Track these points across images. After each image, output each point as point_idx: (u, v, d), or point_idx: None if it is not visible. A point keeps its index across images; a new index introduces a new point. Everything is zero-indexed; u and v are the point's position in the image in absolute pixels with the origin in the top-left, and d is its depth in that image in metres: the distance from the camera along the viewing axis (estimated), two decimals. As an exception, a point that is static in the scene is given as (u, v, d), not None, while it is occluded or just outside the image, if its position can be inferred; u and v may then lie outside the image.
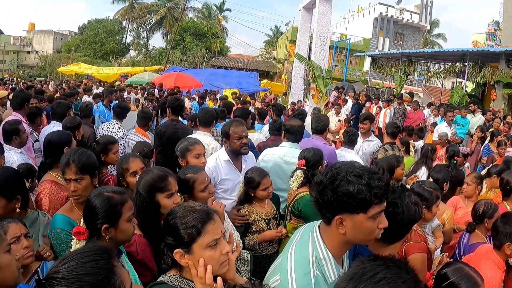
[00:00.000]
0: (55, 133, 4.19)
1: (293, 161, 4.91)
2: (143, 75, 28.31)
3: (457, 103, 17.14)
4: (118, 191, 2.62)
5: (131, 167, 3.68)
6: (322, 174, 2.05)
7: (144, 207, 2.94)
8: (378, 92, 23.88)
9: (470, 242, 4.16)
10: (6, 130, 5.06)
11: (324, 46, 15.20)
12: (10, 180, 3.08)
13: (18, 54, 73.63)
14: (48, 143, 4.02)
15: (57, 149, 3.94)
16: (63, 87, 19.30)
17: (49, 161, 3.96)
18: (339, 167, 2.00)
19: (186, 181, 3.25)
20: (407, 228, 2.66)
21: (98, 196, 2.51)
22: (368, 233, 2.00)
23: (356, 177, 1.91)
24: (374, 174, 1.95)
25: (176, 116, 6.84)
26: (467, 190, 5.41)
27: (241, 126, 4.45)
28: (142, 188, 2.97)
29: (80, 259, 1.69)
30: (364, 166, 2.02)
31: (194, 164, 3.88)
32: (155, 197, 2.95)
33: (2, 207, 2.98)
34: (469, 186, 5.39)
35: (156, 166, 3.34)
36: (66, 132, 4.33)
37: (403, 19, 51.30)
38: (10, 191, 3.03)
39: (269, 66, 47.36)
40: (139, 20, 66.71)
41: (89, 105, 7.33)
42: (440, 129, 11.13)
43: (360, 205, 1.91)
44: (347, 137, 6.56)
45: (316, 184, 2.08)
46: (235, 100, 15.67)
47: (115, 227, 2.49)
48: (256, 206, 4.09)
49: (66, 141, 4.04)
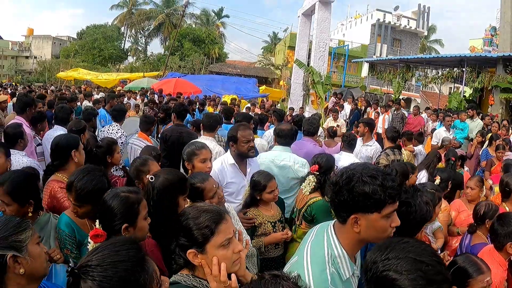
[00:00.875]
0: (63, 136, 4.20)
1: (283, 164, 5.09)
2: (142, 81, 28.31)
3: (455, 108, 17.22)
4: (133, 190, 2.67)
5: (152, 169, 3.72)
6: (338, 175, 2.12)
7: (164, 206, 2.96)
8: (376, 97, 23.99)
9: (472, 243, 4.21)
10: (10, 134, 5.08)
11: (323, 52, 15.27)
12: (23, 184, 3.05)
13: (16, 59, 73.88)
14: (56, 145, 4.01)
15: (65, 152, 3.95)
16: (63, 92, 19.33)
17: (56, 163, 3.98)
18: (354, 168, 2.09)
19: (195, 189, 3.29)
20: (418, 227, 2.78)
21: (115, 197, 2.55)
22: (381, 232, 2.08)
23: (371, 178, 1.99)
24: (388, 175, 2.03)
25: (181, 121, 6.96)
26: (471, 194, 5.47)
27: (248, 130, 4.53)
28: (165, 188, 3.01)
29: (113, 248, 1.74)
30: (378, 168, 2.10)
31: (200, 168, 3.94)
32: (177, 198, 3.01)
33: (14, 211, 2.95)
34: (473, 190, 5.47)
35: (168, 168, 3.36)
36: (74, 136, 4.33)
37: (400, 25, 51.50)
38: (23, 196, 3.01)
39: (268, 72, 47.54)
40: (137, 26, 66.83)
41: (90, 110, 7.37)
42: (439, 133, 11.21)
43: (375, 205, 2.00)
44: (346, 141, 6.64)
45: (332, 184, 2.16)
46: (234, 106, 15.75)
47: (134, 226, 2.54)
48: (262, 209, 4.13)
49: (74, 144, 4.01)
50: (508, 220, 3.50)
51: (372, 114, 15.91)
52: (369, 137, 7.59)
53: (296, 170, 5.07)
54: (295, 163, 5.09)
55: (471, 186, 5.53)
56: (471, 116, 12.37)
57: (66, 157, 3.95)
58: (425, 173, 6.78)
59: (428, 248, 1.70)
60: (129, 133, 10.03)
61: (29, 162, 4.91)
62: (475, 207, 4.37)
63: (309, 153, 5.77)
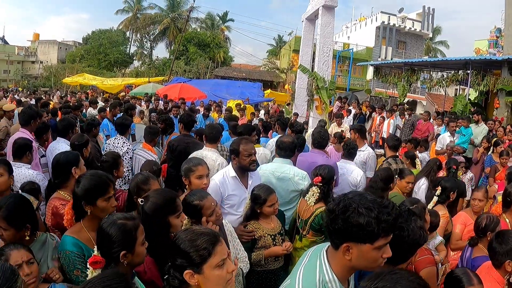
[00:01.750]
0: (63, 154, 4.22)
1: (283, 176, 5.13)
2: (147, 86, 28.45)
3: (460, 111, 17.08)
4: (129, 217, 2.69)
5: (152, 189, 3.70)
6: (335, 202, 2.14)
7: (155, 229, 3.00)
8: (382, 101, 23.90)
9: (472, 255, 4.21)
10: (19, 146, 5.14)
11: (327, 57, 15.24)
12: (19, 209, 3.04)
13: (22, 64, 74.31)
14: (56, 163, 4.05)
15: (65, 169, 3.99)
16: (68, 99, 19.37)
17: (58, 181, 4.02)
18: (352, 197, 2.11)
19: (194, 207, 3.33)
20: (411, 251, 2.82)
21: (113, 225, 2.57)
22: (372, 262, 2.10)
23: (367, 209, 2.01)
24: (384, 207, 2.05)
25: (188, 131, 7.00)
26: (479, 205, 5.44)
27: (250, 144, 4.58)
28: (153, 211, 3.04)
29: (102, 284, 1.78)
30: (376, 199, 2.11)
31: (196, 184, 3.97)
32: (167, 219, 3.05)
33: (10, 236, 2.96)
34: (481, 202, 5.44)
35: (160, 188, 3.37)
36: (74, 152, 4.35)
37: (405, 27, 51.55)
38: (19, 221, 3.01)
39: (273, 76, 47.48)
40: (142, 31, 67.02)
41: (90, 120, 7.39)
42: (443, 139, 11.13)
43: (368, 237, 2.02)
44: (346, 150, 6.64)
45: (328, 211, 2.19)
46: (239, 111, 15.76)
47: (131, 252, 2.57)
48: (262, 222, 4.17)
49: (74, 161, 4.05)
50: (506, 238, 3.47)
51: (377, 119, 15.84)
52: (361, 142, 7.57)
53: (296, 182, 5.09)
54: (295, 175, 5.11)
55: (479, 198, 5.48)
56: (476, 121, 12.24)
57: (66, 174, 3.99)
58: (425, 180, 6.76)
59: (416, 280, 1.72)
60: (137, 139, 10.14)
61: (34, 175, 5.00)
62: (477, 220, 4.36)
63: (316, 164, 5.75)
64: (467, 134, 11.19)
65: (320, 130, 6.51)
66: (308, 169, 5.74)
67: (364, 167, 7.32)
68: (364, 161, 7.34)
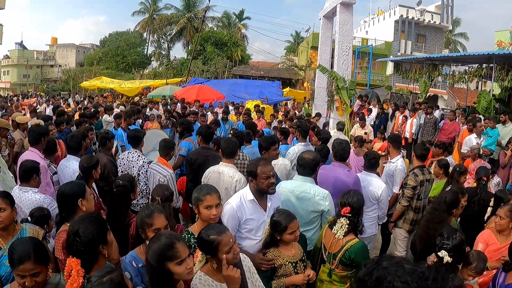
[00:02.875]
0: (68, 185, 4.06)
1: (303, 196, 4.88)
2: (165, 88, 28.31)
3: (484, 108, 16.62)
4: (110, 270, 2.56)
5: (155, 223, 3.52)
6: (367, 271, 1.84)
7: (156, 276, 2.85)
8: (403, 98, 23.49)
9: (506, 281, 3.93)
10: (26, 169, 4.99)
11: (347, 56, 14.95)
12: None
13: (41, 68, 75.16)
14: (61, 195, 3.88)
15: (71, 202, 3.84)
16: (85, 105, 19.33)
17: (64, 214, 3.87)
18: (387, 267, 1.80)
19: (210, 242, 3.08)
20: None
21: (101, 285, 2.42)
22: None
23: (403, 283, 1.70)
24: (424, 280, 1.74)
25: (207, 143, 6.81)
26: (500, 224, 4.93)
27: (269, 165, 4.30)
28: (151, 258, 2.86)
29: None
30: (415, 269, 1.81)
31: (205, 215, 3.77)
32: (166, 266, 2.83)
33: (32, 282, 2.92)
34: (502, 220, 4.91)
35: (163, 232, 3.13)
36: (80, 183, 4.17)
37: (424, 20, 50.94)
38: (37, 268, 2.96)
39: (291, 73, 47.14)
40: (159, 32, 67.19)
41: (104, 134, 7.20)
42: (469, 140, 10.75)
43: None
44: (367, 160, 6.29)
45: (359, 281, 1.88)
46: (257, 113, 15.48)
47: None
48: (282, 249, 3.96)
49: (80, 193, 3.89)
50: None
51: (400, 118, 15.42)
52: (394, 153, 7.06)
53: (316, 202, 4.79)
54: (315, 195, 4.80)
55: (500, 215, 4.95)
56: (504, 121, 11.76)
57: (73, 207, 3.84)
58: None
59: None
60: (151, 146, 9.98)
61: (41, 200, 4.87)
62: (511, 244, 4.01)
63: (338, 179, 5.49)
64: (494, 135, 10.76)
65: (341, 141, 6.18)
66: (329, 184, 5.49)
67: (392, 179, 6.95)
68: (391, 174, 6.96)
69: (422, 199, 6.25)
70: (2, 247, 3.73)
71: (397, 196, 6.53)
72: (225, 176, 5.37)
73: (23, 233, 3.92)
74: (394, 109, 16.19)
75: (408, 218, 6.25)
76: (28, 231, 3.96)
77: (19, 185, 4.99)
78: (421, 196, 6.21)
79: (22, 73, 71.00)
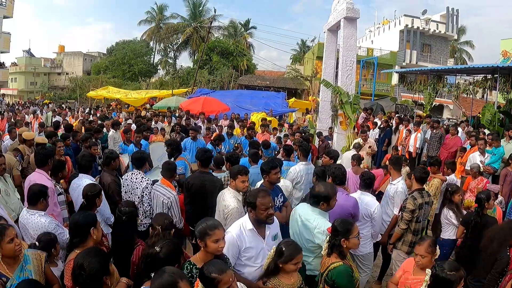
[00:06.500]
0: (81, 215, 4.34)
1: (306, 224, 5.00)
2: (170, 99, 28.39)
3: (488, 121, 16.62)
4: None
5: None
6: None
7: None
8: (408, 110, 23.52)
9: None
10: (34, 193, 5.14)
11: (351, 70, 14.95)
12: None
13: (49, 76, 75.60)
14: (75, 224, 4.20)
15: (84, 230, 4.15)
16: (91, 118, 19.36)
17: (76, 241, 4.14)
18: None
19: (211, 280, 3.20)
20: None
21: None
22: None
23: None
24: None
25: (205, 167, 6.86)
26: (422, 263, 4.50)
27: (268, 197, 4.40)
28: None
29: None
30: None
31: (213, 248, 3.81)
32: None
33: None
34: (423, 258, 4.50)
35: (167, 267, 3.20)
36: (91, 214, 4.44)
37: (429, 29, 50.94)
38: None
39: (297, 83, 47.17)
40: (166, 41, 67.54)
41: (108, 154, 7.27)
42: (473, 158, 10.74)
43: None
44: (363, 180, 6.52)
45: None
46: (261, 127, 15.56)
47: None
48: (282, 278, 4.04)
49: (92, 222, 4.21)
50: None
51: (404, 132, 15.41)
52: (395, 174, 7.23)
53: (314, 234, 4.88)
54: (316, 227, 4.87)
55: (421, 253, 4.55)
56: (511, 137, 11.66)
57: (85, 235, 4.14)
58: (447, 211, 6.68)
59: None
60: (154, 158, 10.06)
61: (46, 224, 5.01)
62: None
63: (337, 204, 5.46)
64: (498, 153, 10.71)
65: (340, 166, 6.34)
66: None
67: (392, 201, 7.08)
68: (392, 196, 7.07)
69: (420, 221, 6.32)
70: (9, 276, 3.83)
71: (397, 217, 6.61)
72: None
73: (26, 260, 4.02)
74: (398, 123, 16.17)
75: (407, 240, 6.32)
76: (30, 257, 4.06)
77: (27, 208, 5.17)
78: (419, 219, 6.29)
79: (29, 81, 71.54)
